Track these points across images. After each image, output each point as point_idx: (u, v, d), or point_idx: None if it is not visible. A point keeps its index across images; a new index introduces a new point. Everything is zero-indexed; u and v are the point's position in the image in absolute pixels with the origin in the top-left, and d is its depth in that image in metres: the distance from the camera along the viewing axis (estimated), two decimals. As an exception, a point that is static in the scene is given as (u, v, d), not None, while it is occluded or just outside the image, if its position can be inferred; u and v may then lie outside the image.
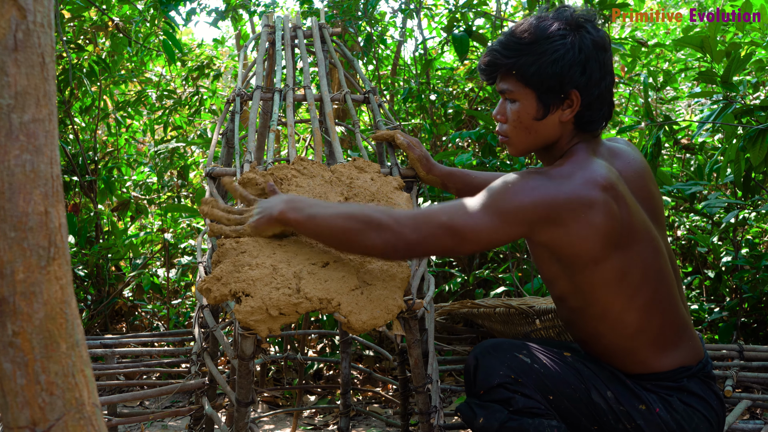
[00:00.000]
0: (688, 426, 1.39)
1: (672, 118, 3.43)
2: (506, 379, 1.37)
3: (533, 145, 1.45)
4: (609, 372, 1.43)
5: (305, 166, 1.53)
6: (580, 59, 1.35)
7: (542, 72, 1.36)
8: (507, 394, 1.37)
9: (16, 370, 0.76)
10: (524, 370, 1.39)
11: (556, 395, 1.39)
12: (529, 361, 1.40)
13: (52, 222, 0.78)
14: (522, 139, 1.44)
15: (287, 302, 1.21)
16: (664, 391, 1.41)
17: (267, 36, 1.97)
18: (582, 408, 1.40)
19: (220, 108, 4.02)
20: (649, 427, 1.38)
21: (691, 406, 1.40)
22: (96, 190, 3.43)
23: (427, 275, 1.53)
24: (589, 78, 1.36)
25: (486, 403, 1.39)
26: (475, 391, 1.41)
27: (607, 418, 1.39)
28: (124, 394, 1.84)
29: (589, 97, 1.37)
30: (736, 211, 2.49)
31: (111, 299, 3.24)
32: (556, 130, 1.41)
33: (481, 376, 1.40)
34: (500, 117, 1.46)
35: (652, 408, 1.38)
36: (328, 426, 2.40)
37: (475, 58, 3.59)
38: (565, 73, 1.35)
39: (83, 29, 3.37)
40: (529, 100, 1.39)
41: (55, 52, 2.34)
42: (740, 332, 2.62)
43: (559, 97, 1.38)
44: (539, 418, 1.35)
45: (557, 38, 1.35)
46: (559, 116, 1.39)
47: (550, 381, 1.39)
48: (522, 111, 1.41)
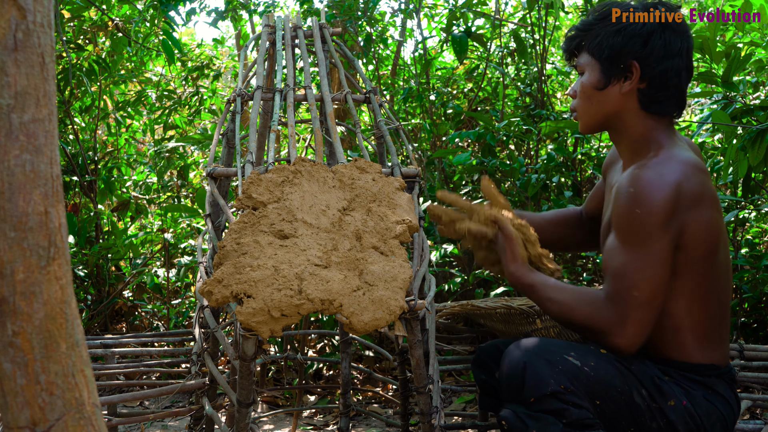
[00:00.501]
0: (707, 422, 1.38)
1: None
2: (558, 389, 1.30)
3: (596, 117, 1.49)
4: (638, 368, 1.40)
5: (306, 166, 1.53)
6: (642, 31, 1.40)
7: (605, 42, 1.43)
8: (560, 405, 1.29)
9: (16, 370, 0.75)
10: (575, 375, 1.32)
11: (603, 400, 1.35)
12: (579, 363, 1.34)
13: (52, 222, 0.78)
14: (586, 109, 1.50)
15: (289, 303, 1.21)
16: (688, 384, 1.39)
17: (267, 36, 1.97)
18: (624, 411, 1.36)
19: (220, 108, 4.02)
20: (679, 420, 1.36)
21: (713, 404, 1.39)
22: (96, 190, 3.43)
23: (428, 275, 1.53)
24: (650, 52, 1.40)
25: (537, 414, 1.31)
26: (523, 398, 1.33)
27: (644, 417, 1.37)
28: (124, 394, 1.84)
29: (649, 72, 1.41)
30: (736, 211, 2.49)
31: (111, 299, 3.24)
32: (617, 103, 1.45)
33: (531, 383, 1.31)
34: (572, 93, 1.53)
35: (679, 401, 1.37)
36: (328, 426, 2.40)
37: (474, 57, 3.59)
38: (626, 43, 1.41)
39: (83, 29, 3.36)
40: (594, 70, 1.46)
41: (55, 52, 2.34)
42: (740, 332, 2.62)
43: (619, 68, 1.43)
44: (591, 429, 1.30)
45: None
46: (620, 88, 1.44)
47: (600, 385, 1.34)
48: (587, 81, 1.48)
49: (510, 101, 3.37)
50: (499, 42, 3.46)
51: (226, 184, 1.85)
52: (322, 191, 1.48)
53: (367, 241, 1.39)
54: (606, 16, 1.45)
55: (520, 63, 3.35)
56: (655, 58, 1.40)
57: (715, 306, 1.42)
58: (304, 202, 1.43)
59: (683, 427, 1.36)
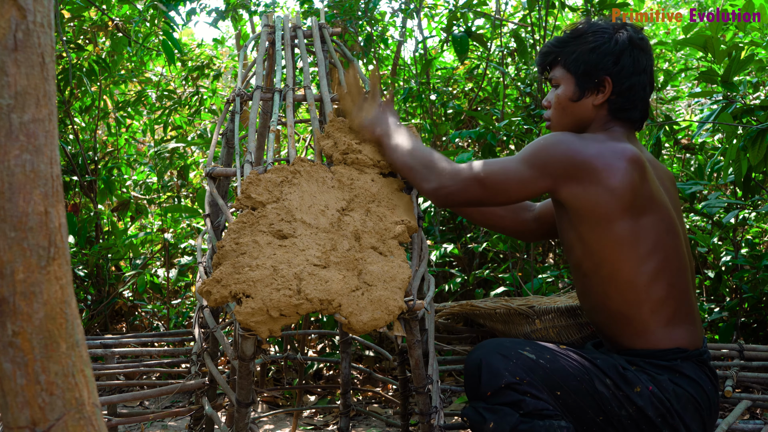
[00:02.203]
0: (678, 405, 1.43)
1: (672, 118, 3.43)
2: (514, 380, 1.36)
3: (568, 126, 1.61)
4: (603, 360, 1.45)
5: (305, 166, 1.53)
6: (614, 50, 1.54)
7: (580, 58, 1.57)
8: (516, 396, 1.35)
9: (16, 370, 0.75)
10: (531, 368, 1.38)
11: (563, 390, 1.40)
12: (535, 356, 1.40)
13: (52, 222, 0.78)
14: (560, 119, 1.62)
15: (288, 303, 1.21)
16: (654, 370, 1.44)
17: (267, 36, 1.97)
18: (588, 399, 1.41)
19: (220, 108, 4.02)
20: (647, 405, 1.41)
21: (681, 387, 1.44)
22: (96, 190, 3.43)
23: (428, 275, 1.53)
24: (621, 68, 1.54)
25: (495, 407, 1.36)
26: (481, 394, 1.39)
27: (612, 405, 1.41)
28: (124, 394, 1.84)
29: (620, 86, 1.55)
30: (736, 211, 2.49)
31: (111, 299, 3.24)
32: (589, 113, 1.58)
33: (487, 377, 1.38)
34: (546, 104, 1.65)
35: (645, 387, 1.42)
36: (328, 426, 2.40)
37: (474, 57, 3.59)
38: (600, 61, 1.55)
39: (83, 29, 3.36)
40: (569, 84, 1.59)
41: (55, 52, 2.34)
42: (740, 332, 2.62)
43: (593, 82, 1.56)
44: (549, 419, 1.35)
45: (598, 33, 1.57)
46: (593, 100, 1.57)
47: (557, 375, 1.40)
48: (562, 94, 1.60)
49: (510, 101, 3.37)
50: (499, 42, 3.47)
51: (225, 184, 1.85)
52: (321, 191, 1.48)
53: (366, 241, 1.39)
54: (580, 34, 1.58)
55: (520, 63, 3.35)
56: (625, 74, 1.55)
57: (668, 283, 1.47)
58: (303, 202, 1.43)
59: (653, 412, 1.41)
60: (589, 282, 1.52)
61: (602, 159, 1.43)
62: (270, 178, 1.48)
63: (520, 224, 1.84)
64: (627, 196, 1.41)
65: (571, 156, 1.43)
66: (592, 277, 1.50)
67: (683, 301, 1.49)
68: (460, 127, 3.32)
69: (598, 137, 1.50)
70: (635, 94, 1.56)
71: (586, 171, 1.42)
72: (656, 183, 1.49)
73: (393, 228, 1.43)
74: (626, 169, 1.42)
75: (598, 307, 1.53)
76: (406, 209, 1.51)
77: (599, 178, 1.41)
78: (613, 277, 1.46)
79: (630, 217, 1.43)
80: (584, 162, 1.42)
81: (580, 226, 1.47)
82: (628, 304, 1.47)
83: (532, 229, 1.84)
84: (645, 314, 1.46)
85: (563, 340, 1.97)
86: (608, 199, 1.41)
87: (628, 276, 1.45)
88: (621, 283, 1.46)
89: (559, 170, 1.43)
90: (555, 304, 2.00)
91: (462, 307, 2.25)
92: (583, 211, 1.44)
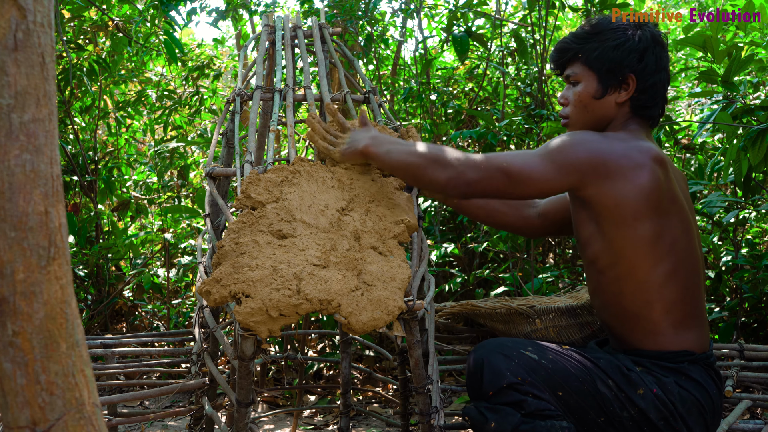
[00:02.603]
0: (682, 408, 1.42)
1: (672, 118, 3.43)
2: (516, 380, 1.36)
3: (589, 123, 1.59)
4: (606, 360, 1.45)
5: (305, 166, 1.53)
6: (638, 47, 1.53)
7: (604, 56, 1.54)
8: (518, 396, 1.35)
9: (16, 370, 0.75)
10: (533, 368, 1.38)
11: (565, 390, 1.40)
12: (537, 357, 1.40)
13: (52, 222, 0.78)
14: (580, 117, 1.59)
15: (287, 303, 1.21)
16: (660, 371, 1.44)
17: (267, 36, 1.97)
18: (589, 400, 1.41)
19: (220, 108, 4.02)
20: (649, 408, 1.40)
21: (686, 390, 1.43)
22: (96, 190, 3.43)
23: (428, 276, 1.53)
24: (645, 66, 1.53)
25: (496, 406, 1.36)
26: (483, 393, 1.39)
27: (613, 407, 1.41)
28: (124, 394, 1.84)
29: (644, 83, 1.54)
30: (736, 210, 2.49)
31: (111, 299, 3.24)
32: (611, 111, 1.57)
33: (489, 377, 1.38)
34: (563, 101, 1.62)
35: (648, 390, 1.41)
36: (328, 426, 2.40)
37: (474, 57, 3.59)
38: (624, 58, 1.53)
39: (83, 29, 3.36)
40: (591, 81, 1.56)
41: (55, 52, 2.34)
42: (740, 332, 2.61)
43: (617, 80, 1.54)
44: (551, 420, 1.35)
45: (620, 29, 1.55)
46: (616, 98, 1.55)
47: (559, 376, 1.40)
48: (583, 91, 1.57)
49: (510, 101, 3.37)
50: (499, 42, 3.47)
51: (225, 184, 1.85)
52: (320, 191, 1.48)
53: (365, 241, 1.39)
54: (599, 31, 1.56)
55: (520, 63, 3.35)
56: (649, 71, 1.54)
57: (681, 285, 1.47)
58: (303, 202, 1.43)
59: (655, 414, 1.41)
60: (604, 279, 1.51)
61: (630, 158, 1.43)
62: (270, 178, 1.48)
63: (523, 220, 1.83)
64: (654, 195, 1.42)
65: (598, 155, 1.42)
66: (608, 273, 1.49)
67: (694, 304, 1.49)
68: (461, 127, 3.32)
69: (620, 136, 1.50)
70: (657, 91, 1.56)
71: (614, 170, 1.42)
72: (675, 183, 1.50)
73: (393, 228, 1.43)
74: (653, 168, 1.42)
75: (610, 305, 1.52)
76: (406, 209, 1.51)
77: (629, 177, 1.41)
78: (629, 275, 1.46)
79: (655, 216, 1.43)
80: (613, 161, 1.42)
81: (603, 223, 1.46)
82: (640, 303, 1.46)
83: (536, 225, 1.83)
84: (657, 315, 1.46)
85: (564, 340, 1.97)
86: (636, 198, 1.41)
87: (644, 275, 1.45)
88: (636, 281, 1.46)
89: (587, 169, 1.42)
90: (555, 304, 2.01)
91: (462, 307, 2.25)
92: (609, 208, 1.44)
